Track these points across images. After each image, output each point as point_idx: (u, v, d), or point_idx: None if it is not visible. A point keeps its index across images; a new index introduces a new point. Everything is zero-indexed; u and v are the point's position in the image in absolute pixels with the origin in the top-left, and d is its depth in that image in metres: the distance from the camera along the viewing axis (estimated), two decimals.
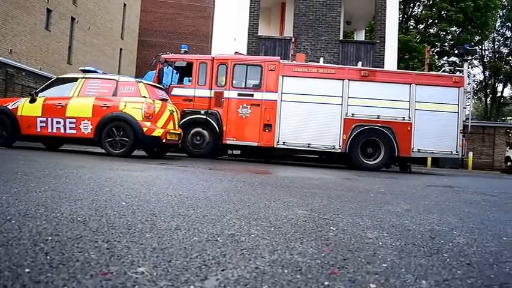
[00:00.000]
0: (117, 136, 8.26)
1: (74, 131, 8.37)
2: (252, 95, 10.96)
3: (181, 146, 10.88)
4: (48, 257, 1.37)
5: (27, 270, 1.22)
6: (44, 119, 8.62)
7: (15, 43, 19.95)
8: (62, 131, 8.53)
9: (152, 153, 10.04)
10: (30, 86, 15.54)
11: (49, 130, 8.60)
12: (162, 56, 11.32)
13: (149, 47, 39.93)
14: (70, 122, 8.34)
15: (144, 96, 8.45)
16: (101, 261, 1.36)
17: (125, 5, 33.62)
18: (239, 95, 10.97)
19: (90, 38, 27.50)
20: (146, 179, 4.31)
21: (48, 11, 22.66)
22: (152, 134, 8.29)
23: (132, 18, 35.82)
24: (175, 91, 11.07)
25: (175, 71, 11.44)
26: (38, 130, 8.65)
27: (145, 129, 8.20)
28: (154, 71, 11.67)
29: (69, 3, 24.92)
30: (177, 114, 9.47)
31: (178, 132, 9.37)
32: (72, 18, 25.41)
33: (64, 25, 24.47)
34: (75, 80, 8.99)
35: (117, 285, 1.16)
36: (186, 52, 12.05)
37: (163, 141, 8.53)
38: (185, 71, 11.44)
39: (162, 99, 8.97)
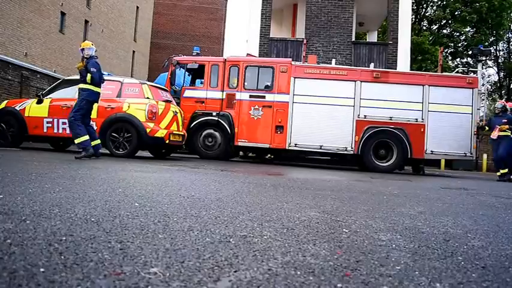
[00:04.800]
0: (120, 137, 8.34)
1: None
2: (263, 97, 10.95)
3: (192, 147, 10.93)
4: (62, 257, 1.38)
5: (42, 269, 1.24)
6: (51, 120, 8.72)
7: (30, 46, 20.25)
8: (68, 131, 8.59)
9: (157, 155, 10.07)
10: (44, 89, 15.73)
11: (55, 131, 8.71)
12: (174, 58, 11.39)
13: (162, 49, 40.25)
14: None
15: (147, 98, 8.53)
16: (114, 262, 1.37)
17: (137, 7, 33.91)
18: (251, 96, 10.97)
19: (103, 40, 27.78)
20: (159, 180, 4.33)
21: (62, 14, 22.98)
22: (155, 135, 8.35)
23: (145, 20, 36.12)
24: (188, 93, 11.13)
25: (187, 73, 11.52)
26: (45, 131, 8.77)
27: (148, 130, 8.27)
28: (167, 73, 11.75)
29: (83, 7, 25.22)
30: (181, 116, 9.52)
31: (182, 133, 9.40)
32: (86, 21, 25.72)
33: (78, 28, 24.78)
34: None
35: (130, 286, 1.17)
36: (198, 54, 12.10)
37: (167, 142, 8.59)
38: (197, 73, 11.48)
39: (166, 101, 9.02)
